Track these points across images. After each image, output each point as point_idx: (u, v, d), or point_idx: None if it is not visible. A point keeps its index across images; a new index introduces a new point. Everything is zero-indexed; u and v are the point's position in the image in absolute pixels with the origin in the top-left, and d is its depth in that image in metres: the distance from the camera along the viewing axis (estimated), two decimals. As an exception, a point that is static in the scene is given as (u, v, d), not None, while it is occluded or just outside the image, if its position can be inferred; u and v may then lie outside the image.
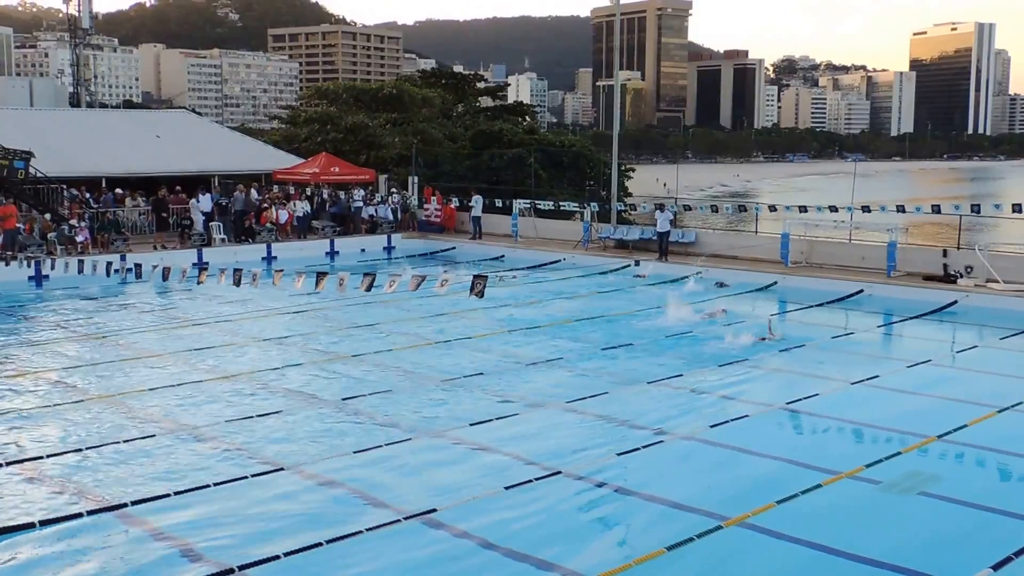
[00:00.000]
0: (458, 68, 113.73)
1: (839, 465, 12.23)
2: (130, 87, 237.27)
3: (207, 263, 27.15)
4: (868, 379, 16.88)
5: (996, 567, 9.42)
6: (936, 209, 29.87)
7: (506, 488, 11.37)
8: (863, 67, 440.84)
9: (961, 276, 25.47)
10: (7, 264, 23.85)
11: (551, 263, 31.44)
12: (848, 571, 9.45)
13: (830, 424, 14.30)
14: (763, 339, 19.81)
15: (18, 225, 28.24)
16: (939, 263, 26.33)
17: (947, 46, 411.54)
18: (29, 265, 25.14)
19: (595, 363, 18.34)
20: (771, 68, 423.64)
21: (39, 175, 31.84)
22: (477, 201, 36.34)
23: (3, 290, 25.22)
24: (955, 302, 24.02)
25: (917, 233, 41.71)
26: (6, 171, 30.41)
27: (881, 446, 13.20)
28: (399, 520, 10.41)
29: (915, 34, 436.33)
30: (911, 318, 22.96)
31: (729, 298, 25.14)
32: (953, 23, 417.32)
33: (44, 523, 10.28)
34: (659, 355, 18.98)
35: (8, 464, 12.16)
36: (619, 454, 12.77)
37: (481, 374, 17.14)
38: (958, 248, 27.26)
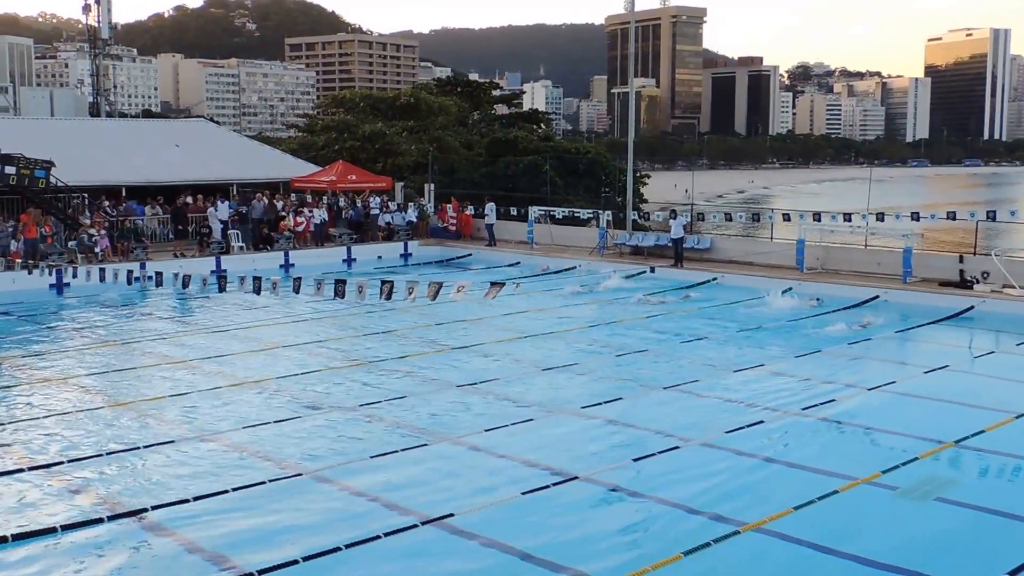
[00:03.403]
0: (473, 76, 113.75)
1: (856, 471, 12.23)
2: (149, 97, 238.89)
3: (226, 271, 27.33)
4: (885, 385, 16.86)
5: (1013, 573, 9.42)
6: (952, 215, 29.80)
7: (523, 493, 11.42)
8: (878, 73, 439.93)
9: (977, 282, 25.39)
10: (29, 272, 24.08)
11: (567, 269, 31.51)
12: (865, 576, 9.47)
13: (846, 430, 14.28)
14: (862, 326, 21.66)
15: (40, 232, 28.50)
16: (955, 269, 26.24)
17: (962, 52, 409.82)
18: (50, 273, 25.38)
19: (611, 368, 18.38)
20: (786, 75, 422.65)
21: (59, 184, 32.16)
22: (491, 209, 36.47)
23: (25, 298, 25.49)
24: (972, 308, 23.93)
25: (933, 239, 41.63)
26: (27, 180, 30.75)
27: (898, 452, 13.17)
28: (417, 525, 10.47)
29: (930, 40, 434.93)
30: (928, 324, 22.90)
31: (742, 303, 25.20)
32: (968, 29, 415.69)
33: (65, 528, 10.38)
34: (674, 360, 19.03)
35: (30, 469, 12.29)
36: (635, 459, 12.81)
37: (497, 379, 17.21)
38: (974, 254, 27.16)
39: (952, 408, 15.77)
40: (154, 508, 10.92)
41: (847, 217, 29.59)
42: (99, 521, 10.58)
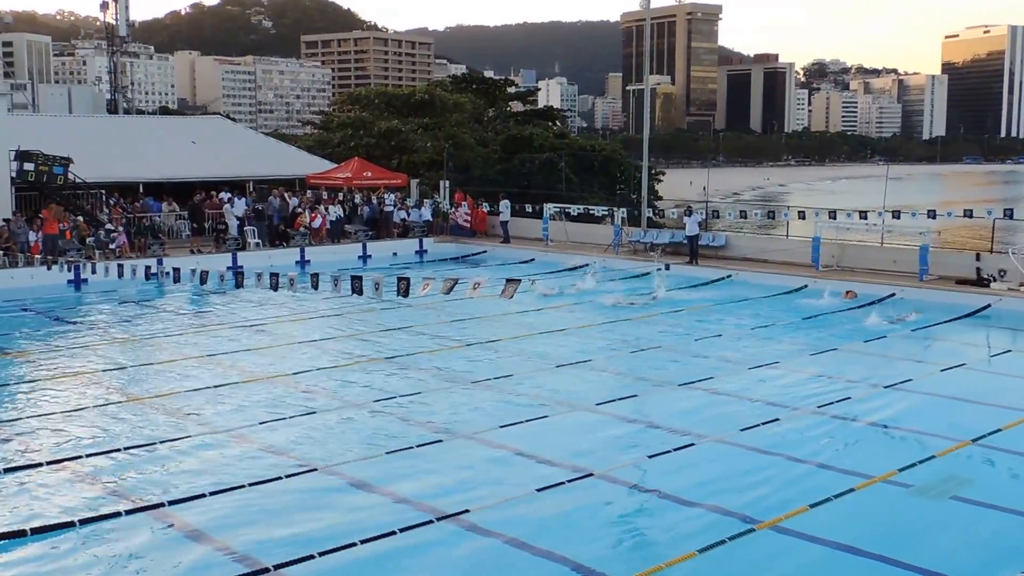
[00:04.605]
0: (489, 73, 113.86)
1: (872, 469, 12.20)
2: (166, 94, 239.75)
3: (242, 267, 27.45)
4: (901, 382, 16.81)
5: (1030, 571, 9.39)
6: (968, 213, 29.65)
7: (538, 490, 11.43)
8: (894, 70, 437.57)
9: (994, 280, 25.28)
10: (48, 268, 24.24)
11: (582, 266, 31.48)
12: (880, 574, 9.44)
13: (863, 428, 14.24)
14: (901, 319, 22.06)
15: (60, 227, 28.69)
16: (972, 267, 26.14)
17: (979, 49, 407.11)
18: (68, 269, 25.55)
19: (625, 365, 18.39)
20: (801, 71, 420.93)
21: (77, 181, 32.36)
22: (505, 206, 36.51)
23: (43, 293, 25.67)
24: (988, 306, 23.84)
25: (950, 237, 41.41)
26: (45, 177, 30.98)
27: (914, 450, 13.14)
28: (432, 521, 10.50)
29: (947, 37, 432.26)
30: (944, 322, 22.80)
31: (758, 300, 25.19)
32: (986, 26, 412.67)
33: (83, 522, 10.46)
34: (689, 358, 19.00)
35: (48, 464, 12.38)
36: (651, 456, 12.82)
37: (511, 376, 17.23)
38: (991, 252, 27.03)
39: (969, 406, 15.70)
40: (171, 503, 10.99)
41: (863, 215, 29.49)
42: (116, 515, 10.66)
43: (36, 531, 10.21)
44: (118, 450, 13.00)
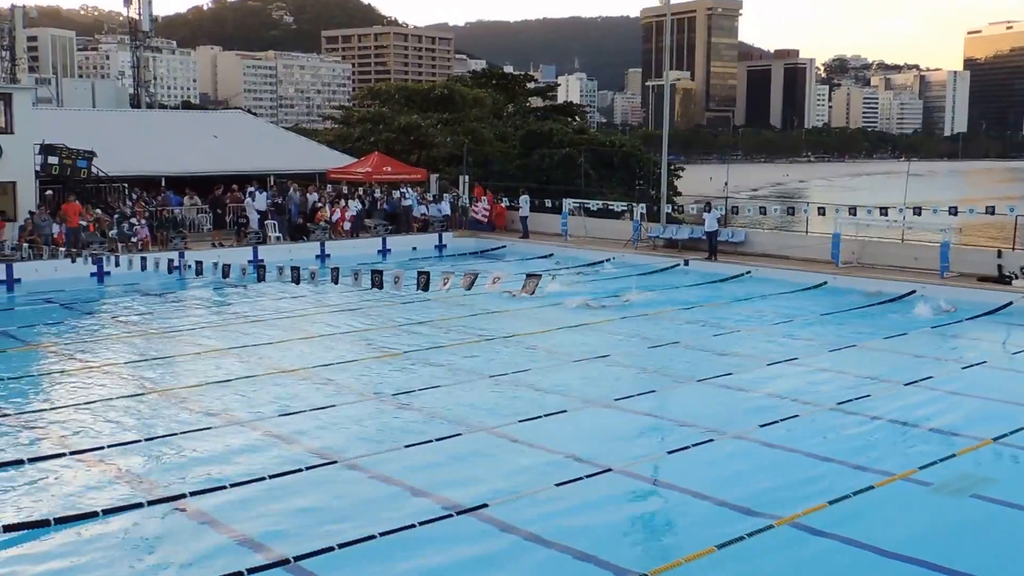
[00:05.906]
0: (508, 69, 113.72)
1: (892, 466, 12.18)
2: (188, 88, 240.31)
3: (263, 261, 27.59)
4: (921, 380, 16.74)
5: (1050, 569, 9.36)
6: (990, 210, 29.44)
7: (556, 485, 11.46)
8: (916, 66, 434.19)
9: (1016, 277, 25.11)
10: (72, 261, 24.46)
11: (601, 262, 31.48)
12: (899, 573, 9.44)
13: (883, 425, 14.20)
14: (946, 311, 22.63)
15: (82, 223, 28.92)
16: (993, 264, 25.97)
17: (1002, 45, 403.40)
18: (92, 262, 25.77)
19: (644, 361, 18.39)
20: (822, 67, 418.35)
21: (101, 174, 32.61)
22: (524, 201, 36.54)
23: (67, 286, 25.88)
24: (1010, 303, 23.68)
25: (971, 234, 41.12)
26: (69, 170, 31.26)
27: (934, 448, 13.08)
28: (451, 515, 10.55)
29: (969, 33, 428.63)
30: (965, 319, 22.68)
31: (777, 296, 25.14)
32: (1009, 22, 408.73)
33: (107, 512, 10.56)
34: (707, 354, 18.97)
35: (72, 454, 12.51)
36: (669, 452, 12.84)
37: (529, 370, 17.27)
38: (1013, 249, 26.85)
39: (990, 405, 15.62)
40: (192, 494, 11.09)
41: (883, 211, 29.33)
42: (139, 506, 10.76)
43: (60, 520, 10.31)
44: (140, 441, 13.13)
